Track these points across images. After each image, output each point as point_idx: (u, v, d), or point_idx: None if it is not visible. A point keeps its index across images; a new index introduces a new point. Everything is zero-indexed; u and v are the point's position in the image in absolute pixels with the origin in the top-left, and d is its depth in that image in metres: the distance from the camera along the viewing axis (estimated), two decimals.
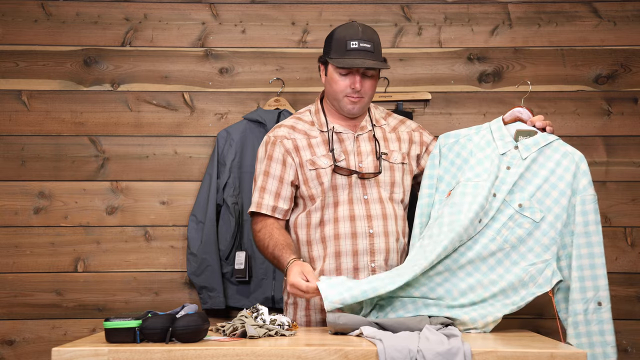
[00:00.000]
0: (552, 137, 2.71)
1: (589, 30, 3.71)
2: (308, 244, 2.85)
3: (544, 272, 2.59)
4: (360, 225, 2.81)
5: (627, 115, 3.69)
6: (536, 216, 2.62)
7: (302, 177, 2.85)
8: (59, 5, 3.70)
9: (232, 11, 3.73)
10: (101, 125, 3.68)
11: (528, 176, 2.66)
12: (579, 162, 2.65)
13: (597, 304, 2.58)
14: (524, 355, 2.13)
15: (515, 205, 2.62)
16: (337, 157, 2.84)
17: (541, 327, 3.45)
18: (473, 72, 3.72)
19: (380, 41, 2.90)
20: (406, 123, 3.00)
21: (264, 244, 2.81)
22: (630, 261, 3.66)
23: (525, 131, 2.73)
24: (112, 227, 3.66)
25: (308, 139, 2.88)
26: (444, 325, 2.46)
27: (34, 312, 3.62)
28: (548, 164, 2.66)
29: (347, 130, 2.89)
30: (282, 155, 2.87)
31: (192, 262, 3.56)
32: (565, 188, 2.63)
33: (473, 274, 2.60)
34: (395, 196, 2.87)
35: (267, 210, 2.85)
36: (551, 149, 2.68)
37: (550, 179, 2.64)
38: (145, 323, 2.20)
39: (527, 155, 2.67)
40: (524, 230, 2.61)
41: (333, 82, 2.83)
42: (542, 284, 2.59)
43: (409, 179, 2.93)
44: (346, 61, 2.77)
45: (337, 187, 2.83)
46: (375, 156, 2.87)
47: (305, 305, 2.84)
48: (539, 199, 2.63)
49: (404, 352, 2.12)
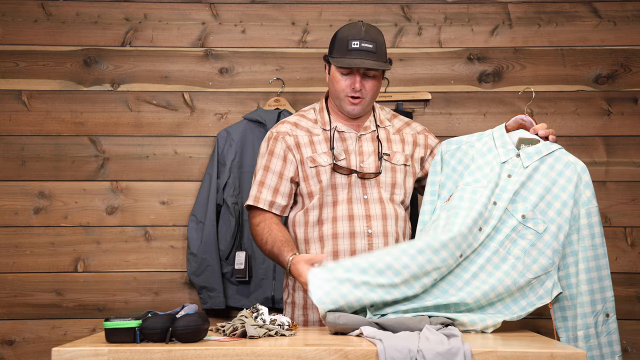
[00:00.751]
0: (555, 146, 2.69)
1: (589, 30, 3.71)
2: (306, 242, 2.85)
3: (545, 283, 2.59)
4: (359, 224, 2.80)
5: (627, 115, 3.69)
6: (539, 227, 2.60)
7: (302, 174, 2.85)
8: (59, 5, 3.70)
9: (232, 11, 3.73)
10: (101, 125, 3.68)
11: (530, 185, 2.63)
12: (581, 173, 2.64)
13: (605, 316, 2.60)
14: (524, 355, 2.13)
15: (519, 216, 2.61)
16: (338, 156, 2.84)
17: (541, 327, 3.45)
18: (473, 72, 3.72)
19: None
20: (411, 125, 2.99)
21: (263, 239, 2.81)
22: (630, 261, 3.66)
23: (528, 139, 2.71)
24: (112, 227, 3.66)
25: (310, 137, 2.88)
26: (444, 325, 2.46)
27: (34, 312, 3.62)
28: (550, 174, 2.64)
29: (350, 130, 2.89)
30: (284, 151, 2.87)
31: (192, 262, 3.56)
32: (568, 199, 2.61)
33: (471, 282, 2.58)
34: (396, 197, 2.87)
35: (264, 205, 2.85)
36: (553, 158, 2.66)
37: (553, 190, 2.63)
38: (145, 323, 2.20)
39: (528, 164, 2.65)
40: (527, 241, 2.59)
41: (335, 81, 2.83)
42: (542, 296, 2.59)
43: (411, 181, 2.92)
44: (345, 61, 2.77)
45: (337, 186, 2.82)
46: (377, 157, 2.86)
47: (303, 304, 2.84)
48: (542, 209, 2.61)
49: (404, 352, 2.11)
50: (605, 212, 3.65)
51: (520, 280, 2.57)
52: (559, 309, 2.65)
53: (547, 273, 2.59)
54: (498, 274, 2.57)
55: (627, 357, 3.61)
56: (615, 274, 3.61)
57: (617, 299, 3.59)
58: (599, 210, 2.58)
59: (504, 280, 2.56)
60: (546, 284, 2.59)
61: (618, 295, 3.60)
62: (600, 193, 3.65)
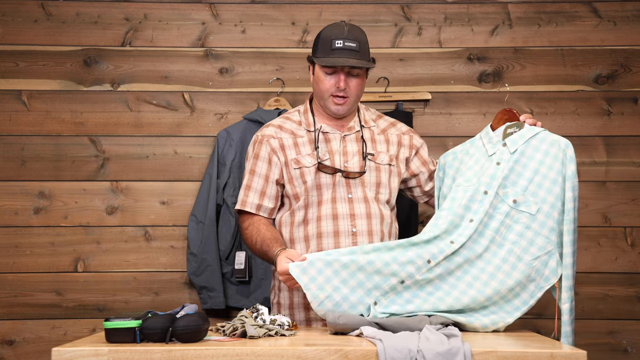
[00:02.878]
0: (538, 129, 2.72)
1: (589, 30, 3.71)
2: (291, 242, 2.86)
3: (548, 263, 2.60)
4: (343, 223, 2.81)
5: (627, 115, 3.69)
6: (532, 209, 2.62)
7: (287, 175, 2.86)
8: (59, 5, 3.70)
9: (232, 11, 3.73)
10: (101, 125, 3.68)
11: (518, 169, 2.66)
12: (565, 148, 2.66)
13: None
14: (524, 355, 2.13)
15: (510, 202, 2.63)
16: (322, 157, 2.84)
17: (541, 327, 3.45)
18: (473, 72, 3.72)
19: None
20: (397, 126, 2.99)
21: (253, 241, 2.83)
22: (630, 261, 3.66)
23: (513, 124, 2.74)
24: (112, 227, 3.66)
25: (294, 138, 2.89)
26: (444, 325, 2.46)
27: (34, 312, 3.62)
28: (536, 155, 2.67)
29: (335, 131, 2.89)
30: (268, 154, 2.88)
31: (192, 262, 3.56)
32: (557, 176, 2.64)
33: (479, 277, 2.59)
34: (381, 197, 2.87)
35: (251, 208, 2.87)
36: (538, 140, 2.69)
37: (541, 170, 2.65)
38: (145, 323, 2.20)
39: (515, 148, 2.68)
40: (522, 224, 2.62)
41: (319, 81, 2.84)
42: (548, 276, 2.59)
43: (397, 180, 2.92)
44: (330, 59, 2.77)
45: (322, 186, 2.83)
46: (362, 156, 2.87)
47: (289, 304, 2.85)
48: (533, 191, 2.63)
49: (404, 352, 2.12)
50: (605, 212, 3.65)
51: (519, 265, 2.58)
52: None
53: (548, 252, 2.60)
54: (495, 261, 2.59)
55: (627, 357, 3.61)
56: (615, 274, 3.62)
57: (617, 299, 3.62)
58: (599, 213, 2.57)
59: (502, 267, 2.58)
60: (550, 263, 2.59)
61: (618, 295, 3.62)
62: (600, 193, 3.65)
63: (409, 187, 2.99)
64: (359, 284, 2.55)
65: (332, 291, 2.53)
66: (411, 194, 3.02)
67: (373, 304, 2.54)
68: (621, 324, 3.61)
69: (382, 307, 2.55)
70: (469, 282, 2.59)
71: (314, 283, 2.53)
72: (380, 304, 2.56)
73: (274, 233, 2.82)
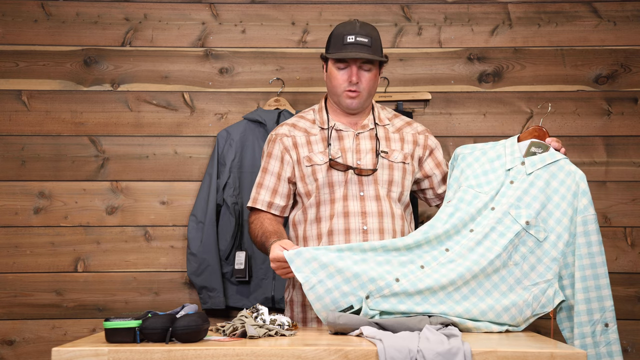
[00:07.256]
0: (560, 156, 2.72)
1: (589, 30, 3.71)
2: (304, 240, 2.86)
3: (546, 292, 2.60)
4: (354, 221, 2.81)
5: (627, 115, 3.69)
6: (540, 235, 2.62)
7: (299, 173, 2.87)
8: (59, 5, 3.70)
9: (232, 11, 3.73)
10: (101, 125, 3.68)
11: (533, 192, 2.66)
12: (579, 181, 2.67)
13: (604, 325, 2.59)
14: (524, 356, 2.13)
15: (523, 222, 2.62)
16: (334, 154, 2.85)
17: (541, 327, 3.45)
18: (473, 72, 3.72)
19: (381, 40, 2.90)
20: (412, 125, 2.99)
21: (255, 234, 2.85)
22: (630, 261, 3.66)
23: (538, 143, 2.74)
24: (112, 227, 3.66)
25: (307, 137, 2.90)
26: (444, 325, 2.46)
27: (34, 312, 3.62)
28: (552, 183, 2.67)
29: (348, 128, 2.90)
30: (281, 153, 2.89)
31: (192, 262, 3.56)
32: (567, 207, 2.64)
33: (476, 291, 2.59)
34: (393, 195, 2.87)
35: (262, 205, 2.89)
36: (557, 167, 2.69)
37: (554, 198, 2.65)
38: (145, 323, 2.20)
39: (531, 170, 2.68)
40: (527, 248, 2.61)
41: (332, 76, 2.85)
42: (545, 304, 2.60)
43: (410, 179, 2.92)
44: (341, 53, 2.79)
45: (334, 184, 2.84)
46: (375, 154, 2.87)
47: (302, 302, 2.85)
48: (544, 218, 2.63)
49: (404, 352, 2.12)
50: (605, 212, 3.65)
51: (517, 288, 2.59)
52: (562, 320, 2.66)
53: (547, 281, 2.61)
54: (495, 278, 2.59)
55: (627, 357, 3.61)
56: (615, 274, 3.62)
57: (617, 299, 3.60)
58: (599, 213, 2.58)
59: (500, 286, 2.59)
60: (548, 292, 2.60)
61: (618, 295, 3.61)
62: (600, 193, 3.65)
63: (422, 189, 2.99)
64: (354, 275, 2.53)
65: (326, 277, 2.52)
66: (424, 196, 3.02)
67: (365, 297, 2.53)
68: (621, 324, 3.58)
69: (374, 302, 2.54)
70: (465, 294, 2.58)
71: (307, 266, 2.53)
72: (372, 298, 2.54)
73: (276, 227, 2.82)
